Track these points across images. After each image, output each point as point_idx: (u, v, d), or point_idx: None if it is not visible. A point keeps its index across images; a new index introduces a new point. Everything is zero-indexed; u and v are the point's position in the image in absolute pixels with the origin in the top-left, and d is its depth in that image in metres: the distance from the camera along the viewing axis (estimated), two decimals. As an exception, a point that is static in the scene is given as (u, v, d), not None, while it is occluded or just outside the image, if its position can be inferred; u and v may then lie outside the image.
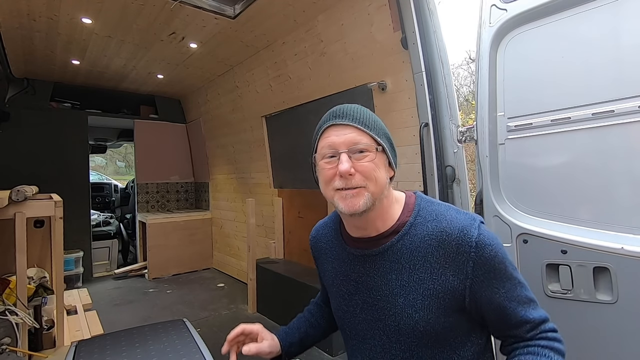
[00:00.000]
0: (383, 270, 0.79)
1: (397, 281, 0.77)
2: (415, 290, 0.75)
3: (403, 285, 0.76)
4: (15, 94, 4.32)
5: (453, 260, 0.73)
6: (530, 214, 1.53)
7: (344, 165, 0.73)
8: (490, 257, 0.73)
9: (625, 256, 1.26)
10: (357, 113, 0.77)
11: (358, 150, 0.75)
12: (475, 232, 0.73)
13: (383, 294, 0.78)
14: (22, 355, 1.77)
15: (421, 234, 0.77)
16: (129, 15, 2.87)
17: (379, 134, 0.77)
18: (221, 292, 4.34)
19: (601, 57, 1.33)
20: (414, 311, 0.75)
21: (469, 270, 0.72)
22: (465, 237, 0.73)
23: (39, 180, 2.87)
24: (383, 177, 0.76)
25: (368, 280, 0.81)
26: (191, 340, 1.56)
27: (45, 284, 2.10)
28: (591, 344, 1.36)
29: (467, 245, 0.72)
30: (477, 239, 0.72)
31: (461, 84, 6.86)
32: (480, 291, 0.73)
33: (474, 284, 0.73)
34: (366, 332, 0.82)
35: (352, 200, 0.74)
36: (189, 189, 6.08)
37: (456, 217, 0.76)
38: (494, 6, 1.59)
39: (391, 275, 0.78)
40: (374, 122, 0.78)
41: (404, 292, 0.76)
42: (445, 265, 0.73)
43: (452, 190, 2.01)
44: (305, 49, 3.08)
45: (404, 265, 0.77)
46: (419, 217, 0.79)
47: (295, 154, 3.61)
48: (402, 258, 0.77)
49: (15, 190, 1.83)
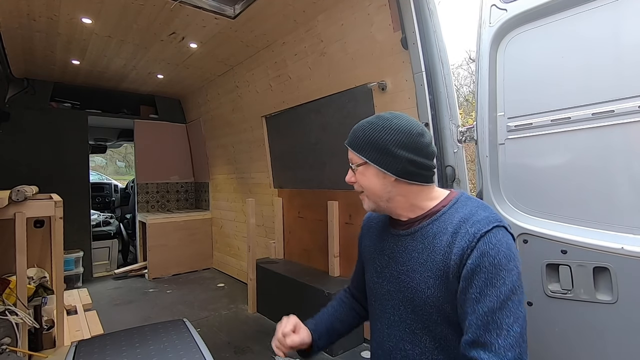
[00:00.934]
0: (410, 248, 0.88)
1: (418, 259, 0.85)
2: (429, 269, 0.82)
3: (421, 263, 0.84)
4: (15, 94, 4.32)
5: (459, 244, 0.78)
6: (530, 214, 1.53)
7: (347, 176, 0.94)
8: (486, 254, 0.74)
9: (625, 256, 1.26)
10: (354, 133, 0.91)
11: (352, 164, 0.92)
12: (487, 227, 0.77)
13: (405, 269, 0.87)
14: (22, 355, 1.76)
15: (450, 221, 0.84)
16: (129, 15, 2.87)
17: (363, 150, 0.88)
18: (221, 292, 4.34)
19: (601, 57, 1.33)
20: (427, 288, 0.82)
21: (465, 257, 0.76)
22: (477, 227, 0.78)
23: (39, 180, 2.87)
24: (373, 185, 0.88)
25: (397, 255, 0.90)
26: (191, 340, 1.56)
27: (45, 284, 2.09)
28: (591, 344, 1.36)
29: (474, 234, 0.77)
30: (485, 233, 0.76)
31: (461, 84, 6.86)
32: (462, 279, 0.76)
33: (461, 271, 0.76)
34: (387, 302, 0.91)
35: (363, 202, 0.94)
36: (189, 189, 6.08)
37: (481, 213, 0.81)
38: (494, 6, 1.59)
39: (414, 253, 0.86)
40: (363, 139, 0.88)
41: (421, 269, 0.84)
42: (453, 250, 0.79)
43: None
44: (305, 49, 3.08)
45: (426, 246, 0.84)
46: (453, 209, 0.86)
47: (295, 154, 3.61)
48: (427, 240, 0.85)
49: (15, 190, 1.83)
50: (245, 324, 3.41)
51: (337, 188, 3.11)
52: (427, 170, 0.87)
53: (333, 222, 3.10)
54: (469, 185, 2.05)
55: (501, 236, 0.77)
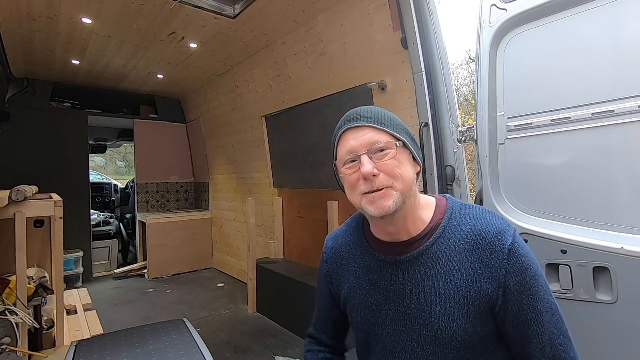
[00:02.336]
0: (417, 276, 0.75)
1: (433, 288, 0.73)
2: (452, 298, 0.71)
3: (439, 293, 0.72)
4: (15, 94, 4.32)
5: (487, 265, 0.70)
6: (530, 214, 1.53)
7: (366, 167, 0.70)
8: (523, 269, 0.69)
9: (625, 256, 1.26)
10: (371, 113, 0.75)
11: (378, 149, 0.72)
12: (510, 239, 0.70)
13: (418, 302, 0.74)
14: (22, 355, 1.76)
15: (456, 237, 0.74)
16: (129, 15, 2.87)
17: (398, 130, 0.75)
18: (221, 292, 4.34)
19: (601, 57, 1.33)
20: (452, 320, 0.71)
21: (502, 279, 0.69)
22: (500, 242, 0.70)
23: (39, 180, 2.87)
24: (409, 173, 0.74)
25: (401, 288, 0.76)
26: (191, 340, 1.56)
27: (45, 284, 2.09)
28: (591, 344, 1.36)
29: (501, 251, 0.70)
30: (510, 247, 0.70)
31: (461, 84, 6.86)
32: (510, 303, 0.70)
33: (507, 294, 0.69)
34: (396, 345, 0.77)
35: (380, 202, 0.71)
36: (189, 189, 6.08)
37: (492, 221, 0.74)
38: (494, 6, 1.59)
39: (426, 282, 0.74)
40: (390, 119, 0.76)
41: (441, 301, 0.72)
42: (480, 272, 0.70)
43: (452, 190, 2.01)
44: (305, 49, 3.08)
45: (439, 271, 0.73)
46: (453, 220, 0.76)
47: (295, 154, 3.61)
48: (438, 263, 0.73)
49: (15, 190, 1.83)
50: (245, 324, 3.40)
51: (337, 188, 3.08)
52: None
53: (333, 222, 3.10)
54: (469, 185, 2.05)
55: (522, 243, 0.72)
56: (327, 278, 0.93)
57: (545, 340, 0.69)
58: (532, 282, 0.69)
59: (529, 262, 0.70)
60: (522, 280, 0.69)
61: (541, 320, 0.69)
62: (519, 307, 0.69)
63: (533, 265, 0.70)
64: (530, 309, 0.69)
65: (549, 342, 0.69)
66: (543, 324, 0.69)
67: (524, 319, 0.69)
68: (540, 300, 0.69)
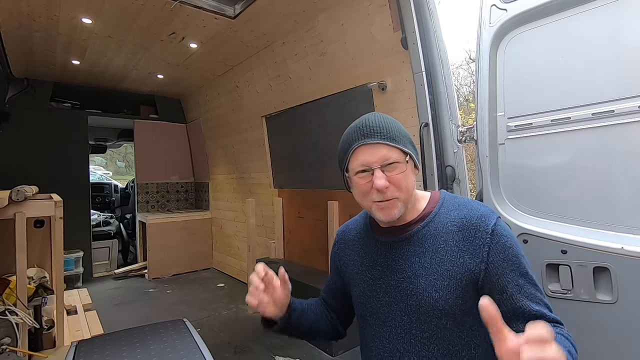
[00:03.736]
0: (407, 254, 0.85)
1: (420, 263, 0.82)
2: (435, 272, 0.80)
3: (425, 267, 0.82)
4: (15, 94, 4.32)
5: (471, 243, 0.79)
6: (530, 214, 1.53)
7: (381, 181, 0.78)
8: (505, 247, 0.77)
9: (625, 256, 1.26)
10: (384, 128, 0.81)
11: (389, 164, 0.80)
12: (492, 221, 0.79)
13: (406, 275, 0.84)
14: (22, 355, 1.76)
15: (444, 221, 0.83)
16: (129, 15, 2.87)
17: (406, 144, 0.83)
18: (221, 292, 4.34)
19: (601, 57, 1.33)
20: (434, 291, 0.79)
21: (484, 255, 0.77)
22: (483, 223, 0.79)
23: (39, 180, 2.87)
24: (411, 184, 0.83)
25: (393, 264, 0.86)
26: (191, 340, 1.56)
27: (45, 284, 2.09)
28: (591, 344, 1.36)
29: (484, 231, 0.78)
30: (493, 227, 0.78)
31: (461, 84, 6.86)
32: (493, 277, 0.77)
33: (489, 269, 0.77)
34: (387, 315, 0.86)
35: (387, 210, 0.81)
36: (189, 189, 6.08)
37: (477, 207, 0.83)
38: (494, 6, 1.59)
39: (414, 258, 0.83)
40: (399, 132, 0.82)
41: (425, 274, 0.81)
42: (464, 249, 0.79)
43: (452, 190, 2.01)
44: (305, 49, 3.08)
45: (427, 249, 0.82)
46: (443, 208, 0.86)
47: (295, 154, 3.61)
48: (426, 242, 0.83)
49: (15, 190, 1.83)
50: (245, 324, 3.40)
51: (337, 188, 3.10)
52: None
53: (333, 222, 3.10)
54: (469, 185, 2.05)
55: (504, 226, 0.81)
56: (335, 256, 1.05)
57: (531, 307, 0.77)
58: (514, 259, 0.77)
59: (511, 242, 0.79)
60: (504, 257, 0.77)
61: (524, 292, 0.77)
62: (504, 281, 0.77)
63: (515, 246, 0.79)
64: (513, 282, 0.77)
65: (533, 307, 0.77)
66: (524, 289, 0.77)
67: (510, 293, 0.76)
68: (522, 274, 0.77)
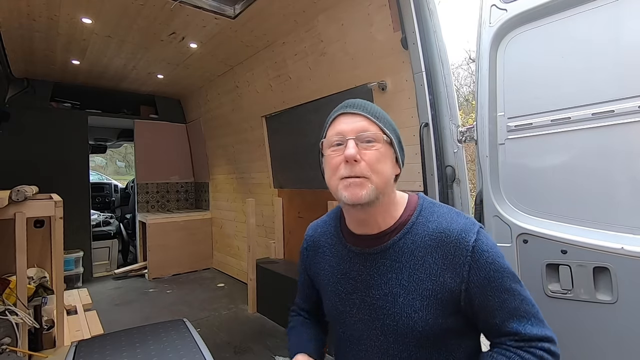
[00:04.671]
0: (383, 269, 0.78)
1: (397, 280, 0.76)
2: (414, 291, 0.75)
3: (403, 285, 0.76)
4: (15, 94, 4.32)
5: (451, 262, 0.74)
6: (530, 214, 1.53)
7: (350, 150, 0.73)
8: (486, 264, 0.73)
9: (625, 256, 1.26)
10: (368, 105, 0.80)
11: (366, 139, 0.75)
12: (473, 237, 0.73)
13: (382, 293, 0.77)
14: (22, 355, 1.76)
15: (422, 233, 0.77)
16: (129, 15, 2.87)
17: (388, 128, 0.79)
18: (221, 292, 4.34)
19: (601, 57, 1.33)
20: (413, 311, 0.74)
21: (465, 274, 0.73)
22: (463, 240, 0.73)
23: (39, 180, 2.87)
24: (387, 171, 0.76)
25: (367, 278, 0.80)
26: (191, 340, 1.56)
27: (45, 284, 2.09)
28: (591, 344, 1.36)
29: (464, 248, 0.73)
30: (474, 244, 0.73)
31: (461, 84, 6.86)
32: (474, 297, 0.73)
33: (470, 289, 0.73)
34: (362, 333, 0.81)
35: (354, 189, 0.73)
36: (189, 189, 6.08)
37: (456, 220, 0.77)
38: (494, 6, 1.59)
39: (391, 274, 0.77)
40: (384, 117, 0.80)
41: (404, 292, 0.75)
42: (444, 267, 0.74)
43: (452, 190, 2.01)
44: (305, 49, 3.08)
45: (404, 265, 0.76)
46: (421, 217, 0.79)
47: (295, 154, 3.61)
48: (403, 257, 0.77)
49: (15, 190, 1.83)
50: (245, 324, 3.40)
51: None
52: None
53: (333, 222, 3.09)
54: (469, 185, 2.05)
55: (486, 239, 0.75)
56: (304, 263, 0.98)
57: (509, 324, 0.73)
58: (495, 275, 0.73)
59: (493, 257, 0.73)
60: (486, 275, 0.72)
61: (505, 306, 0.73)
62: (485, 299, 0.73)
63: (497, 260, 0.74)
64: (495, 299, 0.73)
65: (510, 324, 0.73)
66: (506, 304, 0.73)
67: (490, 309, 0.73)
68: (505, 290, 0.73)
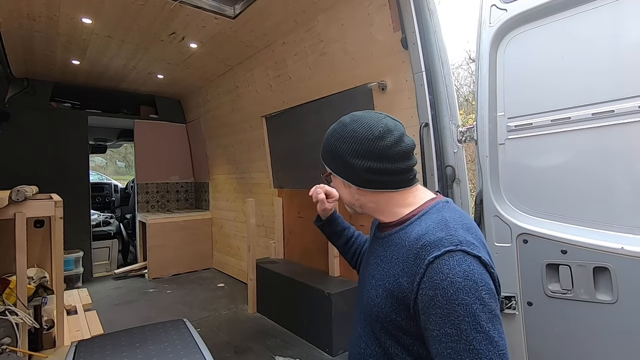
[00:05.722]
0: (376, 253, 0.88)
1: (378, 266, 0.85)
2: (381, 279, 0.81)
3: (378, 271, 0.83)
4: (15, 94, 4.32)
5: (409, 267, 0.73)
6: (530, 214, 1.53)
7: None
8: (437, 287, 0.66)
9: (625, 256, 1.26)
10: (324, 143, 0.94)
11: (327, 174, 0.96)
12: (437, 253, 0.68)
13: (369, 272, 0.88)
14: (22, 355, 1.76)
15: (409, 233, 0.79)
16: (129, 15, 2.87)
17: (329, 161, 0.92)
18: (221, 292, 4.34)
19: (601, 57, 1.33)
20: (376, 296, 0.81)
21: (416, 285, 0.70)
22: (426, 252, 0.70)
23: (39, 180, 2.87)
24: (343, 194, 0.92)
25: (370, 257, 0.92)
26: (191, 340, 1.56)
27: (45, 284, 2.09)
28: (591, 344, 1.36)
29: (422, 260, 0.70)
30: (432, 260, 0.68)
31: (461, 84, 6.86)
32: (419, 312, 0.70)
33: (417, 301, 0.70)
34: (358, 299, 0.94)
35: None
36: (189, 189, 6.08)
37: (436, 232, 0.73)
38: (494, 6, 1.59)
39: (377, 259, 0.86)
40: (328, 149, 0.91)
41: (377, 277, 0.83)
42: (404, 270, 0.75)
43: (452, 190, 2.01)
44: (305, 49, 3.08)
45: (386, 256, 0.83)
46: (420, 220, 0.80)
47: (295, 154, 3.61)
48: (389, 249, 0.83)
49: (15, 190, 1.83)
50: (245, 324, 3.40)
51: (337, 188, 3.10)
52: (392, 175, 0.80)
53: (333, 222, 3.09)
54: (469, 185, 2.05)
55: (455, 263, 0.67)
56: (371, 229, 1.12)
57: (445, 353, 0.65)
58: (444, 302, 0.65)
59: (450, 282, 0.65)
60: (433, 296, 0.67)
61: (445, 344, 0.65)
62: (427, 320, 0.68)
63: (453, 289, 0.65)
64: (436, 327, 0.66)
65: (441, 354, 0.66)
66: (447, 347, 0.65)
67: (431, 334, 0.68)
68: (451, 324, 0.64)
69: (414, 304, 0.71)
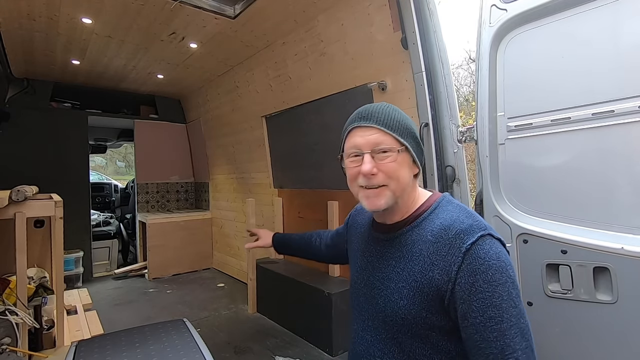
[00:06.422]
0: (387, 255, 0.84)
1: (394, 267, 0.81)
2: (405, 280, 0.77)
3: (397, 272, 0.80)
4: (15, 94, 4.32)
5: (443, 258, 0.73)
6: (530, 214, 1.53)
7: (366, 166, 0.78)
8: (477, 271, 0.69)
9: (625, 256, 1.26)
10: (381, 114, 0.80)
11: (380, 150, 0.79)
12: (472, 239, 0.71)
13: (381, 276, 0.84)
14: (22, 355, 1.76)
15: (428, 228, 0.79)
16: (129, 15, 2.87)
17: (403, 134, 0.80)
18: (221, 292, 4.34)
19: (601, 57, 1.33)
20: (400, 298, 0.77)
21: (453, 274, 0.70)
22: (460, 240, 0.72)
23: (39, 180, 2.86)
24: (405, 176, 0.80)
25: (374, 260, 0.87)
26: (191, 340, 1.56)
27: (45, 284, 2.09)
28: (591, 344, 1.36)
29: (458, 248, 0.71)
30: (469, 246, 0.70)
31: (461, 84, 6.86)
32: (458, 301, 0.70)
33: (456, 290, 0.70)
34: (362, 307, 0.88)
35: (373, 199, 0.80)
36: (189, 189, 6.08)
37: (462, 220, 0.75)
38: (494, 6, 1.59)
39: (392, 261, 0.82)
40: (398, 122, 0.81)
41: (396, 279, 0.79)
42: (435, 263, 0.74)
43: (452, 190, 2.01)
44: (305, 49, 3.08)
45: (404, 255, 0.80)
46: (433, 214, 0.81)
47: (295, 154, 3.61)
48: (405, 248, 0.80)
49: (15, 190, 1.83)
50: (245, 324, 3.40)
51: (337, 188, 3.10)
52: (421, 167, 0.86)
53: (333, 222, 3.10)
54: (469, 185, 2.05)
55: (488, 247, 0.70)
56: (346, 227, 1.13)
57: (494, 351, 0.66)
58: (485, 285, 0.68)
59: (488, 266, 0.68)
60: (473, 282, 0.68)
61: (491, 327, 0.67)
62: (468, 308, 0.69)
63: (492, 271, 0.68)
64: (479, 313, 0.68)
65: (499, 354, 0.66)
66: (492, 331, 0.67)
67: (473, 322, 0.68)
68: (494, 306, 0.67)
69: (450, 294, 0.71)
